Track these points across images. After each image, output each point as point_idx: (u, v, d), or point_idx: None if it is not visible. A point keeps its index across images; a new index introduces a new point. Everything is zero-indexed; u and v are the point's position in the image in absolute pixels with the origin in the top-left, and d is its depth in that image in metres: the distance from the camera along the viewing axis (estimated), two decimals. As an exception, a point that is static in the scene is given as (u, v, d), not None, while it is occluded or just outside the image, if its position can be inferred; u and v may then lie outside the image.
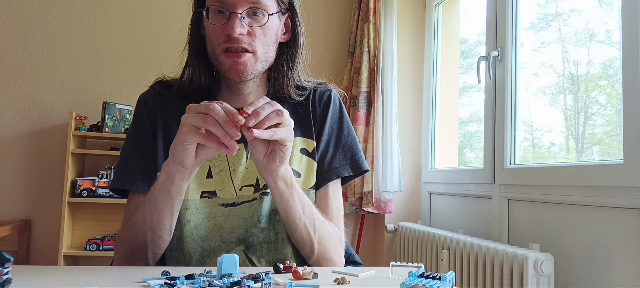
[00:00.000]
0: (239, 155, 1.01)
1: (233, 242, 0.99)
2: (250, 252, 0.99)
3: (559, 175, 1.58)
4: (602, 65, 1.76)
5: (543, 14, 2.05)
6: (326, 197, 1.05)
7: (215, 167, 1.01)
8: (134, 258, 0.95)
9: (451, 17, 2.66)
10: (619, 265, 1.37)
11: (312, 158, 1.04)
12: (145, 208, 0.91)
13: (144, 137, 1.02)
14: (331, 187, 1.06)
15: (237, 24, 0.92)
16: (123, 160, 1.03)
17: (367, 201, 2.48)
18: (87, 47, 2.87)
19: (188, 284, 0.68)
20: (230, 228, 0.99)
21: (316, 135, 1.06)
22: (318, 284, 0.72)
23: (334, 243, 1.00)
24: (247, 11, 0.94)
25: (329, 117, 1.08)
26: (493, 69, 1.97)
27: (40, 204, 2.78)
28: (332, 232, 1.01)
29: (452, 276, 0.69)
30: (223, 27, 0.94)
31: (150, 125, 1.03)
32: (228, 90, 1.05)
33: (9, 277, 0.62)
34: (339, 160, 1.06)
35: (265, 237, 1.00)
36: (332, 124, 1.08)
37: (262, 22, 0.96)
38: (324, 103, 1.09)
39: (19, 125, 2.80)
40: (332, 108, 1.09)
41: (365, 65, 2.59)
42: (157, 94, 1.06)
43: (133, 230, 0.94)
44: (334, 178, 1.05)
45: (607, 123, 1.73)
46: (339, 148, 1.07)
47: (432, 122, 2.59)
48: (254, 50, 0.96)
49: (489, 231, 1.95)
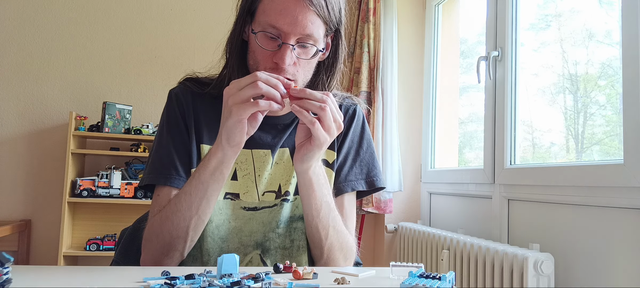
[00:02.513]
0: (265, 160, 1.01)
1: (251, 246, 1.00)
2: (266, 256, 1.00)
3: (559, 175, 1.58)
4: (602, 65, 1.76)
5: (543, 14, 2.05)
6: (341, 205, 1.07)
7: (241, 170, 1.01)
8: (170, 249, 0.93)
9: (451, 17, 2.66)
10: (619, 265, 1.37)
11: (332, 169, 1.06)
12: (190, 196, 0.91)
13: (177, 132, 1.01)
14: (346, 199, 1.08)
15: (287, 55, 0.90)
16: (158, 155, 1.00)
17: (367, 201, 2.48)
18: (87, 47, 2.87)
19: (188, 284, 0.68)
20: (249, 232, 1.00)
21: (338, 147, 1.08)
22: (318, 284, 0.72)
23: (343, 255, 1.01)
24: (298, 42, 0.92)
25: (351, 130, 1.09)
26: (493, 69, 1.97)
27: (40, 204, 2.78)
28: (344, 246, 1.01)
29: (452, 276, 0.69)
30: (272, 53, 0.92)
31: (183, 120, 1.02)
32: None
33: (9, 277, 0.62)
34: (355, 174, 1.08)
35: (281, 243, 1.01)
36: (353, 138, 1.10)
37: (310, 55, 0.95)
38: (349, 117, 1.10)
39: (19, 125, 2.80)
40: (355, 122, 1.10)
41: (365, 65, 2.59)
42: (188, 91, 1.04)
43: (173, 218, 0.92)
44: (348, 191, 1.06)
45: (607, 123, 1.73)
46: (356, 163, 1.09)
47: (432, 122, 2.59)
48: (296, 79, 0.94)
49: (489, 231, 1.95)
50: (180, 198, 0.92)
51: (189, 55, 2.92)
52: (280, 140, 1.03)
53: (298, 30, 0.90)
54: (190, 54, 2.92)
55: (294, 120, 1.05)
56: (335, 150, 1.07)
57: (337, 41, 1.02)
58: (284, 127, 1.05)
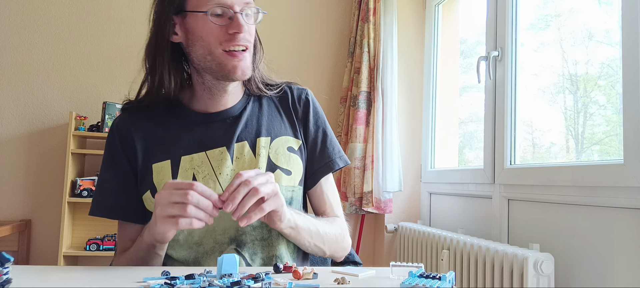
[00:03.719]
0: (222, 158, 1.02)
1: (226, 243, 1.00)
2: (244, 250, 1.00)
3: (559, 175, 1.58)
4: (602, 65, 1.76)
5: (542, 14, 2.05)
6: (322, 193, 1.11)
7: (199, 173, 1.01)
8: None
9: (451, 17, 2.66)
10: (619, 265, 1.37)
11: (299, 156, 1.08)
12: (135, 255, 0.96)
13: (119, 165, 1.05)
14: (324, 181, 1.11)
15: (242, 21, 0.96)
16: (101, 188, 1.06)
17: (367, 201, 2.48)
18: (87, 47, 2.87)
19: (188, 284, 0.68)
20: (222, 230, 1.00)
21: (302, 134, 1.11)
22: (318, 284, 0.72)
23: (340, 240, 1.08)
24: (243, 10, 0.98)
25: (311, 116, 1.13)
26: (493, 69, 1.98)
27: (40, 204, 2.78)
28: (337, 231, 1.07)
29: (452, 276, 0.69)
30: (225, 28, 0.96)
31: (124, 152, 1.04)
32: (209, 94, 1.05)
33: (9, 277, 0.62)
34: (329, 154, 1.11)
35: (258, 235, 1.02)
36: (316, 122, 1.13)
37: (256, 20, 1.01)
38: (304, 103, 1.14)
39: (19, 125, 2.80)
40: (312, 107, 1.14)
41: (365, 65, 2.59)
42: (128, 119, 1.07)
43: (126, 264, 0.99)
44: (327, 172, 1.10)
45: (607, 123, 1.73)
46: (326, 144, 1.12)
47: (432, 122, 2.59)
48: (249, 47, 1.00)
49: (489, 231, 1.95)
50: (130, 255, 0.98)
51: (189, 55, 2.92)
52: (233, 134, 1.04)
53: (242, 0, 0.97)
54: (190, 54, 2.92)
55: (242, 111, 1.07)
56: (300, 137, 1.10)
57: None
58: (233, 120, 1.06)
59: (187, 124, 1.05)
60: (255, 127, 1.06)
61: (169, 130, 1.05)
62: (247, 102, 1.09)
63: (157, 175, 1.01)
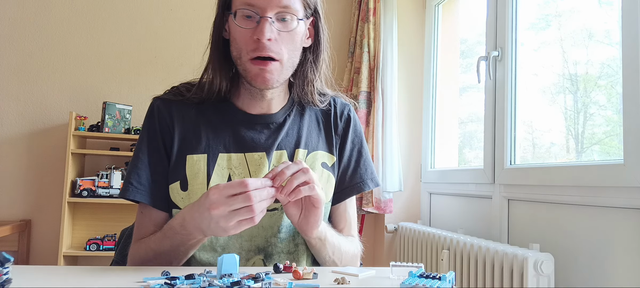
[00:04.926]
0: (260, 163, 0.99)
1: (252, 251, 0.99)
2: (269, 261, 0.99)
3: (559, 175, 1.58)
4: (602, 65, 1.76)
5: (543, 14, 2.05)
6: (344, 210, 1.10)
7: (235, 175, 0.99)
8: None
9: (451, 17, 2.66)
10: (619, 265, 1.37)
11: (332, 173, 1.06)
12: (161, 246, 0.91)
13: (155, 148, 0.99)
14: (348, 201, 1.10)
15: (267, 28, 0.90)
16: (134, 168, 0.99)
17: (367, 201, 2.48)
18: (87, 47, 2.87)
19: (188, 284, 0.68)
20: (249, 237, 0.98)
21: (338, 151, 1.08)
22: (318, 284, 0.72)
23: (354, 260, 1.06)
24: (277, 16, 0.92)
25: (350, 133, 1.10)
26: (493, 69, 1.97)
27: (40, 204, 2.78)
28: (354, 252, 1.06)
29: (452, 276, 0.69)
30: (252, 31, 0.91)
31: (162, 135, 1.00)
32: (249, 96, 1.02)
33: (9, 277, 0.62)
34: (360, 175, 1.09)
35: (285, 247, 1.00)
36: (353, 140, 1.11)
37: (291, 27, 0.94)
38: (345, 119, 1.11)
39: (19, 125, 2.80)
40: (352, 125, 1.11)
41: (365, 65, 2.59)
42: (171, 102, 1.02)
43: (145, 254, 0.94)
44: (356, 193, 1.08)
45: (607, 123, 1.73)
46: (360, 164, 1.10)
47: (432, 122, 2.59)
48: (281, 58, 0.94)
49: (489, 231, 1.95)
50: (156, 242, 0.93)
51: (188, 55, 2.93)
52: (274, 140, 1.01)
53: (274, 3, 0.91)
54: (190, 54, 2.92)
55: (286, 118, 1.04)
56: (335, 153, 1.07)
57: (317, 24, 1.03)
58: (277, 127, 1.03)
59: (230, 122, 1.01)
60: (295, 137, 1.04)
61: (211, 124, 1.01)
62: (291, 109, 1.06)
63: (190, 167, 0.97)
